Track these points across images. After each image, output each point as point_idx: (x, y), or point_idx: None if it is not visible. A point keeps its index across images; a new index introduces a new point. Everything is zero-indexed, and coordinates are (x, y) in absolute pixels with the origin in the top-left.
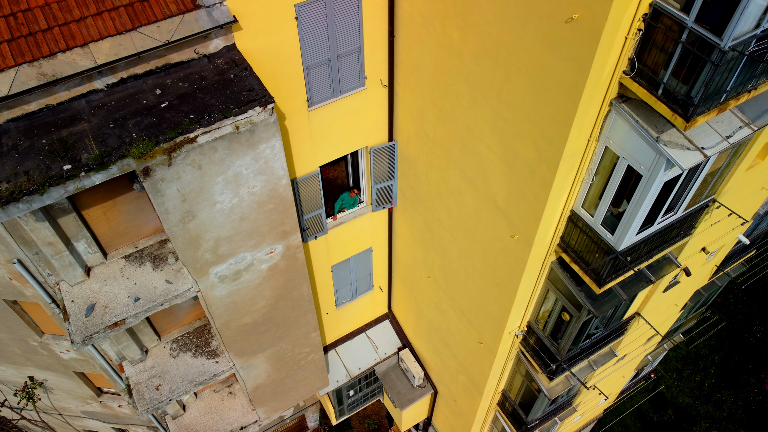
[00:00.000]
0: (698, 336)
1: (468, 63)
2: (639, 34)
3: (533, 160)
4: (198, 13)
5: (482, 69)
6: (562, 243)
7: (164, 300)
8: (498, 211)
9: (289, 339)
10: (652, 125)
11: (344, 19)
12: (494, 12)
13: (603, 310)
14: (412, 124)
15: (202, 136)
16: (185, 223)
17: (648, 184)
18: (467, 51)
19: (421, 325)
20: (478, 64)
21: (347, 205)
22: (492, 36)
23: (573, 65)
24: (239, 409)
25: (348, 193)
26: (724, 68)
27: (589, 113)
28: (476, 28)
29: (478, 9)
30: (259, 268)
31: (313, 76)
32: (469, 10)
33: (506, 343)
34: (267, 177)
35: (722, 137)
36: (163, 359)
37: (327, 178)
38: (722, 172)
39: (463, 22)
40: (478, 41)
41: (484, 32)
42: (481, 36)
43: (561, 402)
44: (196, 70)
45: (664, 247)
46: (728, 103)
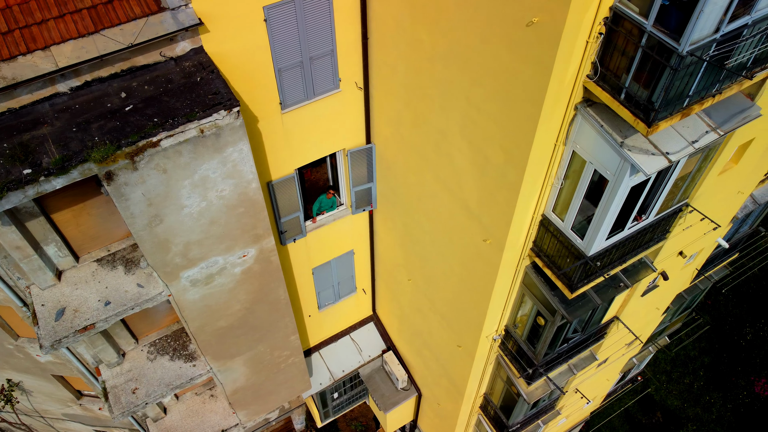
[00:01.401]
0: (686, 338)
1: (438, 66)
2: (600, 37)
3: (502, 164)
4: (162, 15)
5: (451, 72)
6: (535, 247)
7: (135, 304)
8: (471, 215)
9: (267, 342)
10: (617, 130)
11: (315, 21)
12: (461, 15)
13: (577, 314)
14: (389, 126)
15: (166, 140)
16: (152, 227)
17: (614, 190)
18: (437, 54)
19: (404, 327)
20: (447, 68)
21: (326, 207)
22: (460, 40)
23: (535, 69)
24: (221, 411)
25: (325, 195)
26: (684, 73)
27: (553, 117)
28: (445, 31)
29: (446, 12)
30: (233, 272)
31: (286, 78)
32: (438, 13)
33: (484, 347)
34: (236, 181)
35: (688, 142)
36: (140, 363)
37: (309, 180)
38: (693, 176)
39: (433, 25)
40: (447, 45)
41: (452, 36)
42: (449, 39)
43: (543, 405)
44: (163, 73)
45: (638, 251)
46: (692, 107)
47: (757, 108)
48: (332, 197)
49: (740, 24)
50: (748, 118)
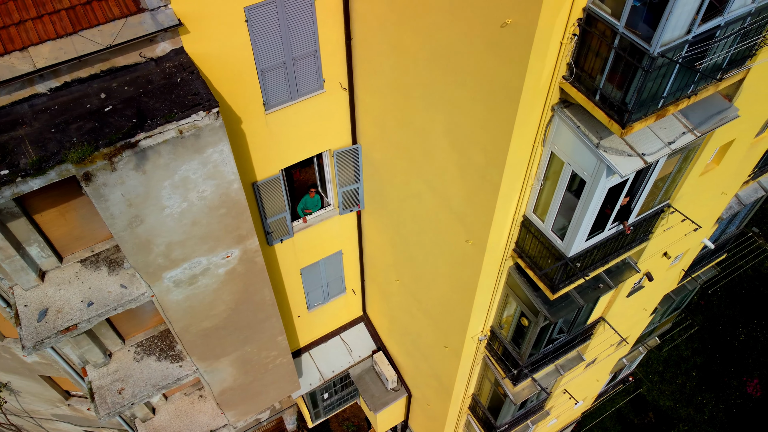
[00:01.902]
0: (676, 338)
1: (421, 67)
2: (575, 39)
3: (482, 165)
4: (142, 16)
5: (435, 73)
6: (518, 248)
7: (118, 305)
8: (454, 216)
9: (254, 343)
10: (593, 131)
11: (297, 22)
12: (441, 16)
13: (559, 315)
14: (374, 127)
15: (145, 140)
16: (133, 228)
17: (591, 191)
18: (420, 55)
19: (394, 328)
20: (430, 69)
21: (311, 206)
22: (441, 40)
23: (511, 69)
24: (209, 412)
25: (308, 195)
26: (656, 74)
27: (530, 118)
28: (426, 32)
29: (427, 13)
30: (216, 272)
31: (269, 79)
32: (419, 14)
33: (470, 348)
34: (217, 181)
35: (664, 143)
36: (126, 363)
37: (298, 180)
38: (674, 177)
39: (415, 25)
40: (429, 45)
41: (434, 36)
42: (431, 40)
43: (531, 406)
44: (143, 73)
45: (621, 252)
46: (667, 109)
47: (735, 109)
48: (315, 196)
49: (712, 25)
50: (725, 119)
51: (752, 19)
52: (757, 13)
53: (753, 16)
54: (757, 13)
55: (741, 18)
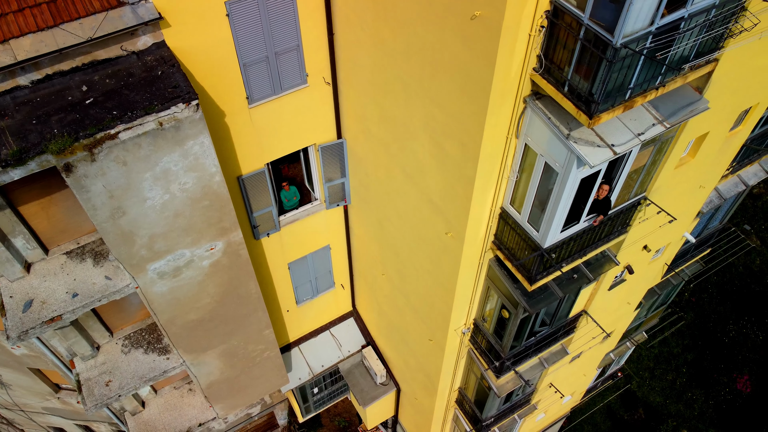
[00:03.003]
0: (662, 334)
1: (399, 61)
2: (543, 30)
3: (459, 157)
4: (122, 10)
5: (412, 67)
6: (497, 240)
7: (102, 296)
8: (435, 208)
9: (240, 336)
10: (564, 122)
11: (279, 17)
12: (416, 10)
13: (538, 307)
14: (358, 122)
15: (124, 132)
16: (115, 219)
17: (563, 182)
18: (398, 49)
19: (382, 323)
20: (408, 63)
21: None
22: (417, 34)
23: (482, 62)
24: (199, 405)
25: (283, 189)
26: (620, 65)
27: (502, 110)
28: (403, 26)
29: (403, 6)
30: (200, 264)
31: (252, 73)
32: (395, 7)
33: (453, 341)
34: (199, 174)
35: (634, 134)
36: (114, 355)
37: (287, 175)
38: (648, 169)
39: (392, 20)
40: (406, 39)
41: (410, 30)
42: (407, 33)
43: (517, 400)
44: (125, 67)
45: (598, 244)
46: (634, 100)
47: (705, 101)
48: (290, 189)
49: (676, 17)
50: (695, 111)
51: (717, 11)
52: (722, 5)
53: (717, 8)
54: (721, 5)
55: (705, 10)
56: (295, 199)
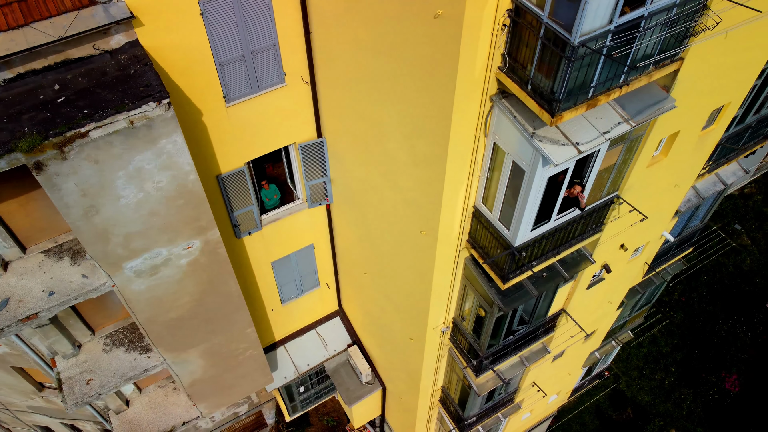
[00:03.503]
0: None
1: (372, 59)
2: (505, 29)
3: (429, 156)
4: (94, 9)
5: (383, 65)
6: (471, 239)
7: (79, 294)
8: (410, 207)
9: (222, 335)
10: (529, 121)
11: (254, 16)
12: (385, 7)
13: (512, 305)
14: (336, 120)
15: (95, 131)
16: (89, 217)
17: (530, 180)
18: (370, 47)
19: (366, 321)
20: (379, 60)
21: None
22: (386, 32)
23: (446, 60)
24: (183, 404)
25: (263, 188)
26: (579, 64)
27: (469, 108)
28: (374, 24)
29: (373, 4)
30: (178, 263)
31: (228, 72)
32: (367, 6)
33: (433, 340)
34: (173, 172)
35: (599, 133)
36: (95, 354)
37: (271, 174)
38: (619, 168)
39: (364, 17)
40: (378, 37)
41: (381, 28)
42: (379, 32)
43: (500, 399)
44: (98, 65)
45: (572, 243)
46: (598, 98)
47: (672, 100)
48: (270, 187)
49: (635, 15)
50: (662, 110)
51: (678, 10)
52: (683, 4)
53: (679, 7)
54: (682, 3)
55: (666, 8)
56: (276, 197)
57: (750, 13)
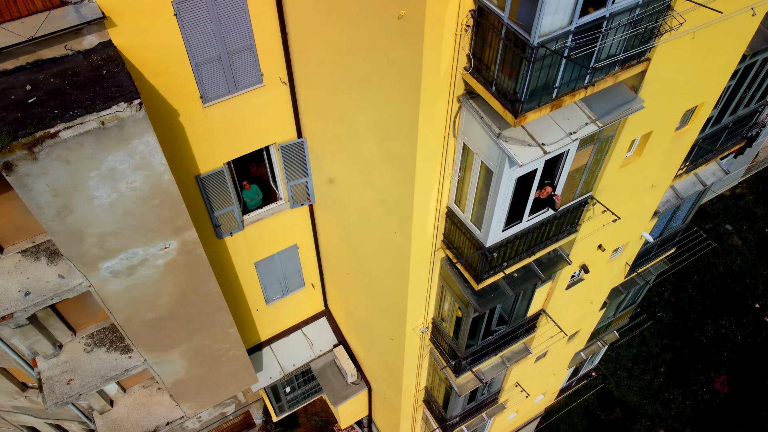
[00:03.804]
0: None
1: (344, 60)
2: (470, 30)
3: (400, 156)
4: (65, 9)
5: (355, 66)
6: (446, 239)
7: (55, 294)
8: (386, 207)
9: (203, 335)
10: (496, 121)
11: (229, 16)
12: (354, 8)
13: (488, 306)
14: (314, 121)
15: (65, 131)
16: (62, 218)
17: (498, 181)
18: (342, 47)
19: (351, 322)
20: (351, 62)
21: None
22: (357, 33)
23: (411, 61)
24: (167, 404)
25: (245, 188)
26: (540, 65)
27: (436, 109)
28: (345, 24)
29: (343, 5)
30: (155, 263)
31: (205, 72)
32: (338, 6)
33: (413, 340)
34: (147, 172)
35: (566, 133)
36: (77, 354)
37: (255, 174)
38: (591, 168)
39: (336, 18)
40: (348, 38)
41: (351, 29)
42: (349, 33)
43: (483, 399)
44: (71, 66)
45: (547, 243)
46: (562, 99)
47: (640, 100)
48: (251, 187)
49: (596, 16)
50: (630, 110)
51: (641, 11)
52: (646, 5)
53: (642, 8)
54: (645, 4)
55: (628, 9)
56: (258, 198)
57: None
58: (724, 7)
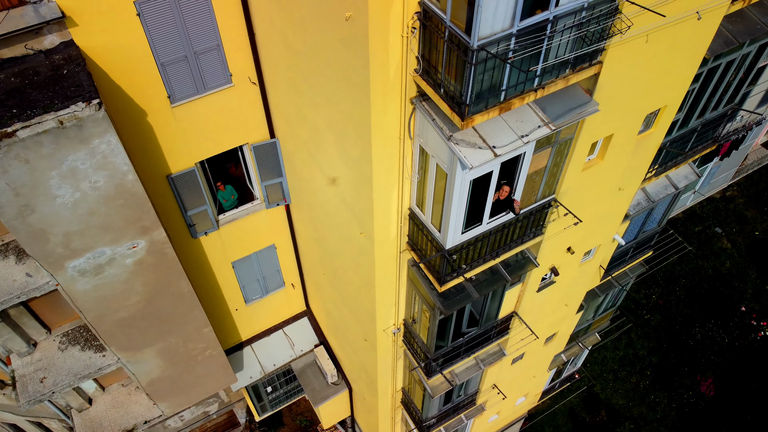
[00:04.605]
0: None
1: (302, 62)
2: (416, 32)
3: (357, 157)
4: (24, 9)
5: (312, 67)
6: (410, 241)
7: (21, 293)
8: (349, 209)
9: (178, 334)
10: (448, 123)
11: (194, 16)
12: (306, 9)
13: (454, 308)
14: (283, 121)
15: (22, 130)
16: (24, 216)
17: (452, 183)
18: (299, 49)
19: (329, 322)
20: (308, 62)
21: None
22: (311, 34)
23: (358, 62)
24: (145, 403)
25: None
26: (483, 67)
27: (388, 110)
28: (300, 25)
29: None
30: (124, 263)
31: (171, 72)
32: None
33: (385, 341)
34: (109, 172)
35: (517, 136)
36: (51, 352)
37: (234, 174)
38: (551, 171)
39: (292, 19)
40: (304, 39)
41: (306, 30)
42: (304, 34)
43: (459, 400)
44: (31, 65)
45: (511, 246)
46: (511, 102)
47: (595, 103)
48: (226, 188)
49: (539, 19)
50: (583, 113)
51: (587, 13)
52: (591, 7)
53: (587, 10)
54: (591, 7)
55: (573, 12)
56: (233, 198)
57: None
58: (670, 11)
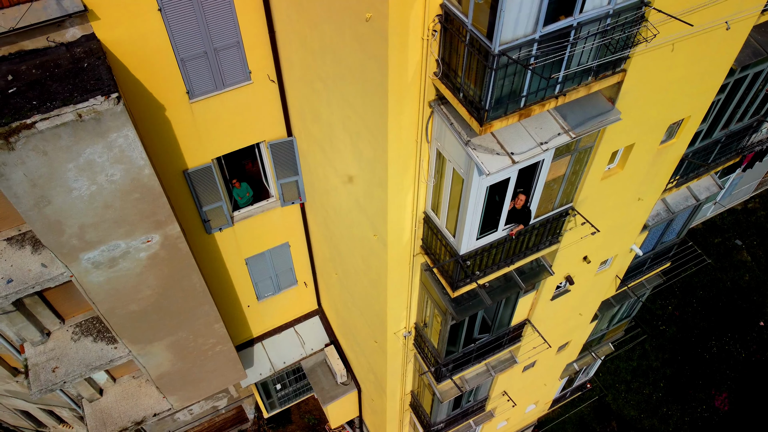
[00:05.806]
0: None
1: (319, 61)
2: (437, 35)
3: (372, 160)
4: (46, 1)
5: (328, 67)
6: (424, 245)
7: (36, 283)
8: (361, 210)
9: (188, 329)
10: (466, 128)
11: (215, 12)
12: (323, 9)
13: (466, 314)
14: (300, 120)
15: (41, 122)
16: (40, 208)
17: (468, 188)
18: (317, 49)
19: (340, 322)
20: (325, 63)
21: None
22: (326, 34)
23: (376, 64)
24: (155, 396)
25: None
26: (504, 73)
27: (405, 113)
28: (316, 25)
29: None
30: (137, 256)
31: (191, 68)
32: (309, 7)
33: (394, 344)
34: (126, 166)
35: (536, 143)
36: (63, 342)
37: (250, 171)
38: (570, 179)
39: (308, 18)
40: (320, 39)
41: (321, 30)
42: (320, 34)
43: (468, 406)
44: (53, 58)
45: (527, 254)
46: (531, 108)
47: (617, 112)
48: (241, 186)
49: (563, 25)
50: (605, 121)
51: (612, 20)
52: (617, 14)
53: (613, 17)
54: (616, 14)
55: (598, 18)
56: (248, 195)
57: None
58: (697, 20)
